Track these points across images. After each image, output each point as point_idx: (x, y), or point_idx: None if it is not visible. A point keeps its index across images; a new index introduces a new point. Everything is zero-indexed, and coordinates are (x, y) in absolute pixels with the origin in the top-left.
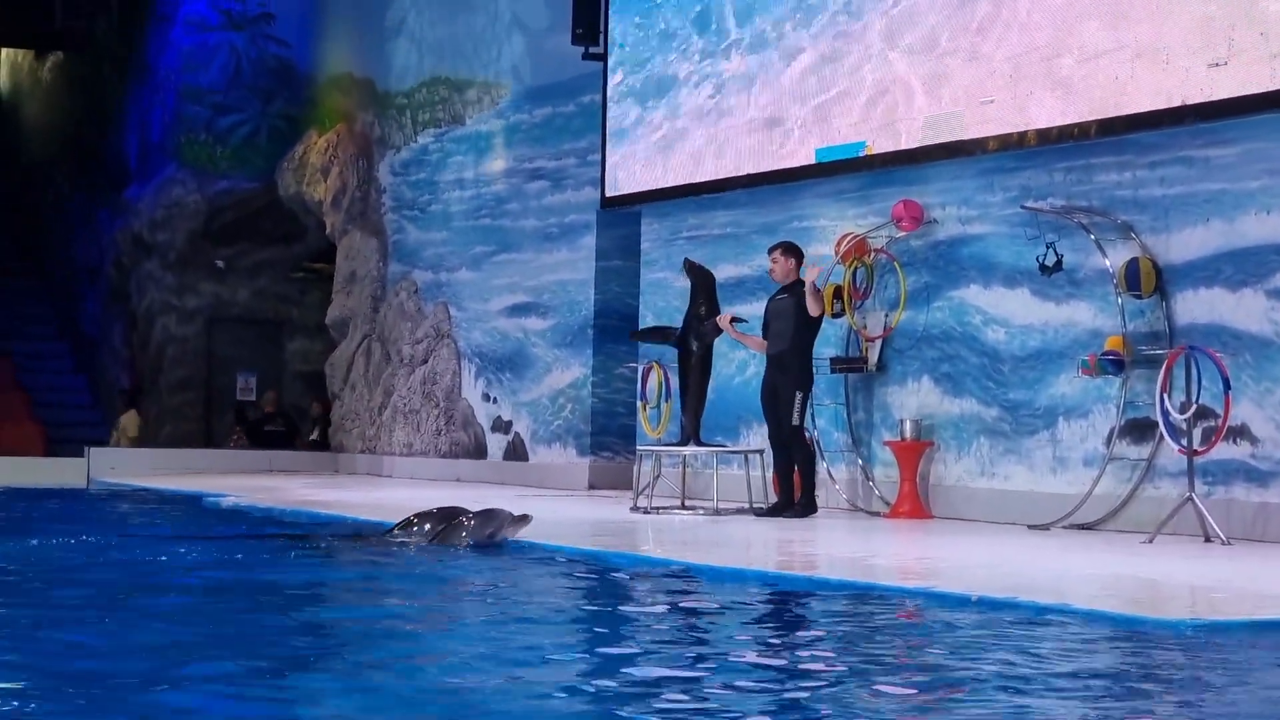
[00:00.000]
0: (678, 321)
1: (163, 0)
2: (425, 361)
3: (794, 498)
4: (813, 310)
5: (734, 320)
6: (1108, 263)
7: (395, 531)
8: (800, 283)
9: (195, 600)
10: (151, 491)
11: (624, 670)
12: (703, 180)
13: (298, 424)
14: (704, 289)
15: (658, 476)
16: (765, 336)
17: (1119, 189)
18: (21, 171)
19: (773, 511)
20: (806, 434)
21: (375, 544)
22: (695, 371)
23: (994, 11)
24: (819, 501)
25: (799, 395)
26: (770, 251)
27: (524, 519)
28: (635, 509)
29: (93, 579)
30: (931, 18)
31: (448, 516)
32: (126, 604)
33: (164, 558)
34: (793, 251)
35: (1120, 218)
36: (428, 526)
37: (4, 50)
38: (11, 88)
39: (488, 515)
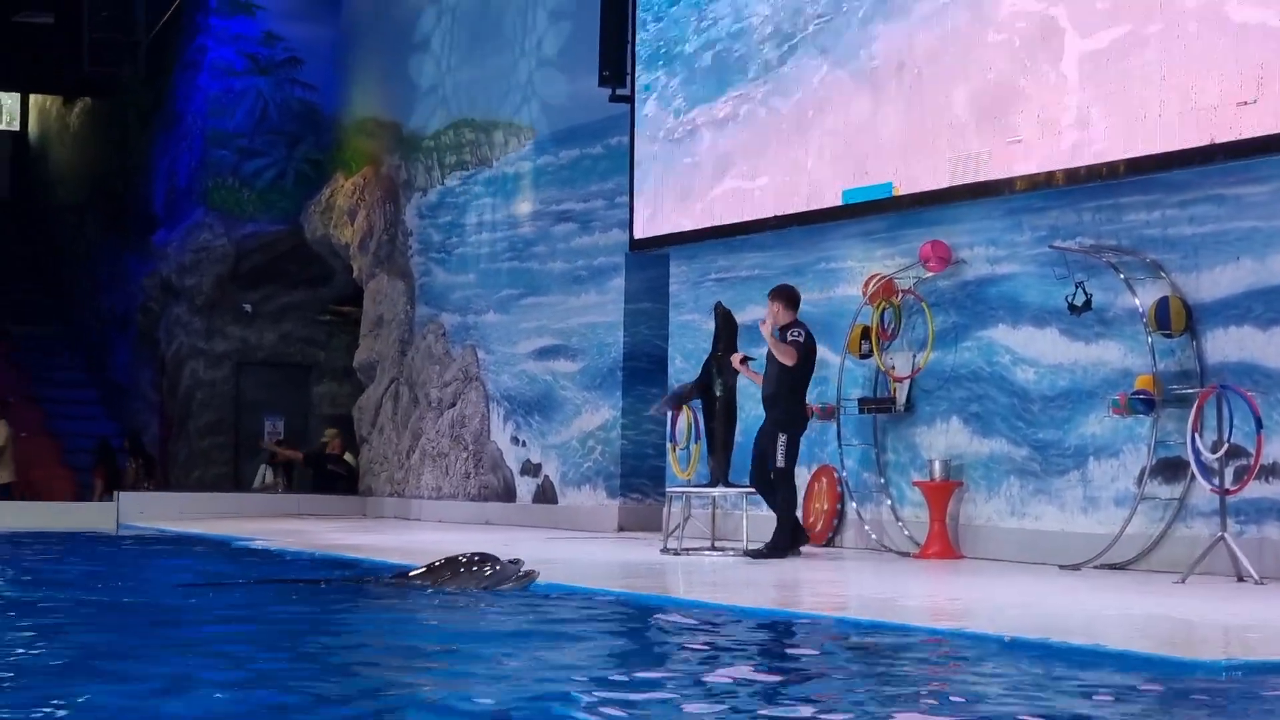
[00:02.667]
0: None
1: (189, 46)
2: (454, 405)
3: (787, 536)
4: (784, 360)
5: (745, 360)
6: (1137, 302)
7: (410, 576)
8: (791, 324)
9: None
10: (180, 536)
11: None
12: (730, 222)
13: (355, 468)
14: (726, 333)
15: (688, 518)
16: None
17: (1148, 228)
18: (50, 217)
19: (760, 553)
20: (792, 476)
21: (393, 586)
22: (721, 414)
23: (1020, 51)
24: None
25: (783, 436)
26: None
27: (531, 575)
28: (665, 550)
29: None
30: (956, 59)
31: (456, 565)
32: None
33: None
34: (779, 295)
35: (1150, 256)
36: (449, 573)
37: (32, 96)
38: (40, 134)
39: (496, 565)
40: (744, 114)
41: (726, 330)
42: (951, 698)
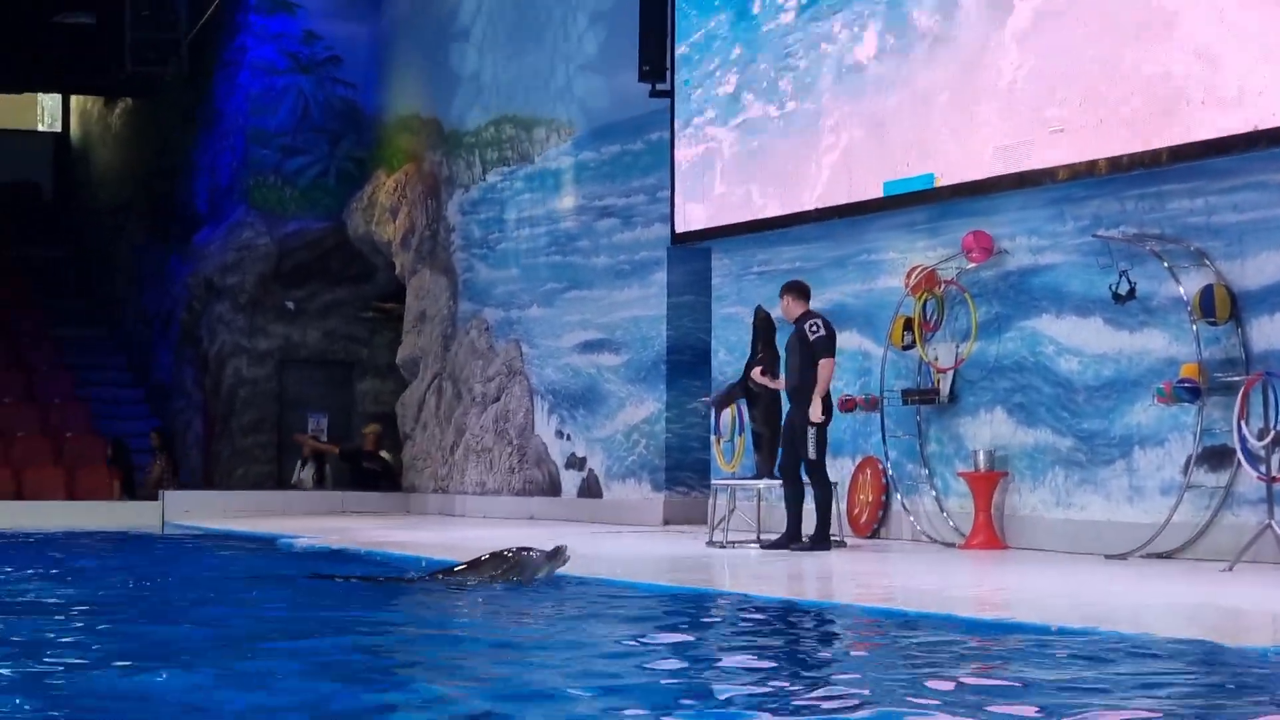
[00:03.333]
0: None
1: (230, 45)
2: (497, 399)
3: (799, 530)
4: (821, 375)
5: (762, 370)
6: (1181, 290)
7: (447, 574)
8: (804, 316)
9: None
10: (226, 534)
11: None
12: (772, 215)
13: (392, 466)
14: (765, 335)
15: (733, 510)
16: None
17: (1191, 215)
18: (92, 218)
19: (778, 544)
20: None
21: (436, 582)
22: (764, 412)
23: (1062, 40)
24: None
25: (812, 430)
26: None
27: (558, 552)
28: (711, 543)
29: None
30: (998, 47)
31: (491, 563)
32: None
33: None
34: (790, 290)
35: (1193, 244)
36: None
37: (73, 97)
38: (81, 135)
39: (530, 557)
40: (785, 106)
41: (765, 332)
42: (999, 688)
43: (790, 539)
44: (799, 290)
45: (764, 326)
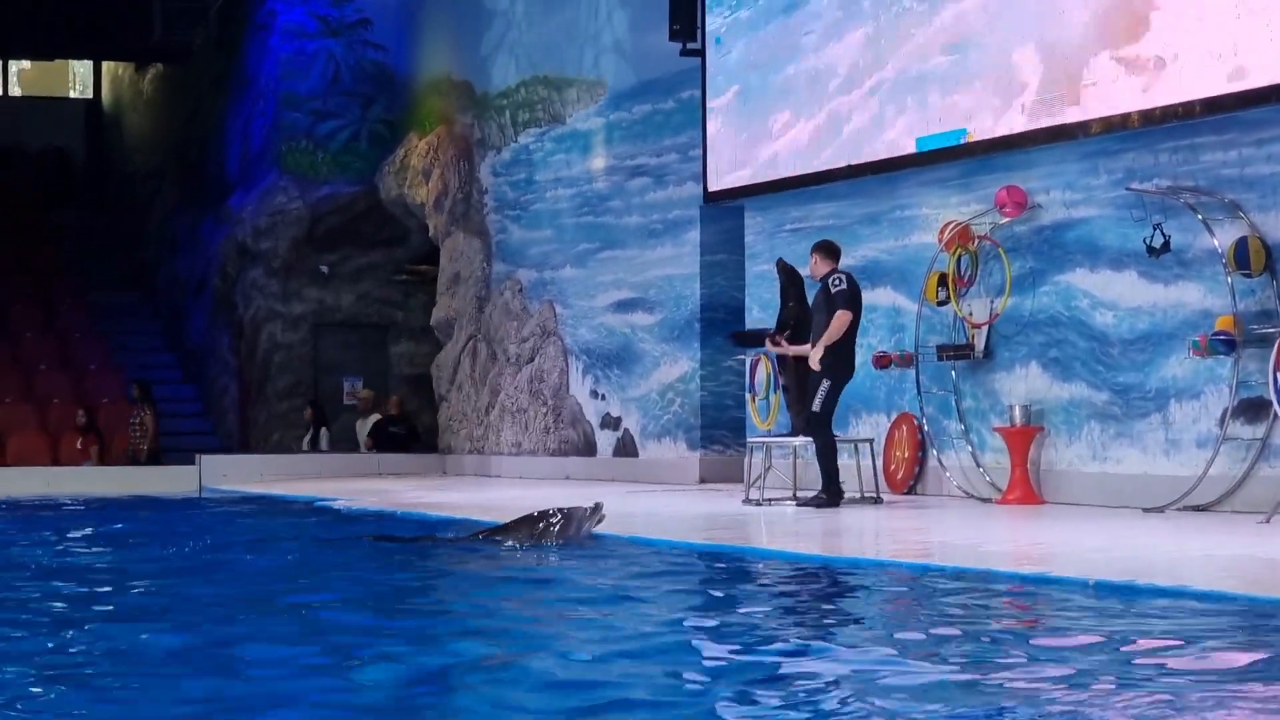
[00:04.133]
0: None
1: (260, 10)
2: (532, 360)
3: (836, 484)
4: (835, 328)
5: (774, 340)
6: (1216, 242)
7: (490, 534)
8: (830, 273)
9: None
10: (263, 498)
11: (758, 660)
12: (804, 173)
13: (418, 428)
14: (793, 287)
15: (768, 468)
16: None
17: (1225, 168)
18: (125, 184)
19: (814, 501)
20: (828, 423)
21: (471, 543)
22: (794, 369)
23: None
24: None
25: (826, 382)
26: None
27: (596, 509)
28: (747, 501)
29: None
30: (1029, 2)
31: (529, 523)
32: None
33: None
34: (819, 248)
35: (1227, 196)
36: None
37: (105, 64)
38: (113, 101)
39: (568, 517)
40: (816, 63)
41: (792, 284)
42: (1037, 643)
43: (825, 492)
44: (828, 249)
45: (791, 278)
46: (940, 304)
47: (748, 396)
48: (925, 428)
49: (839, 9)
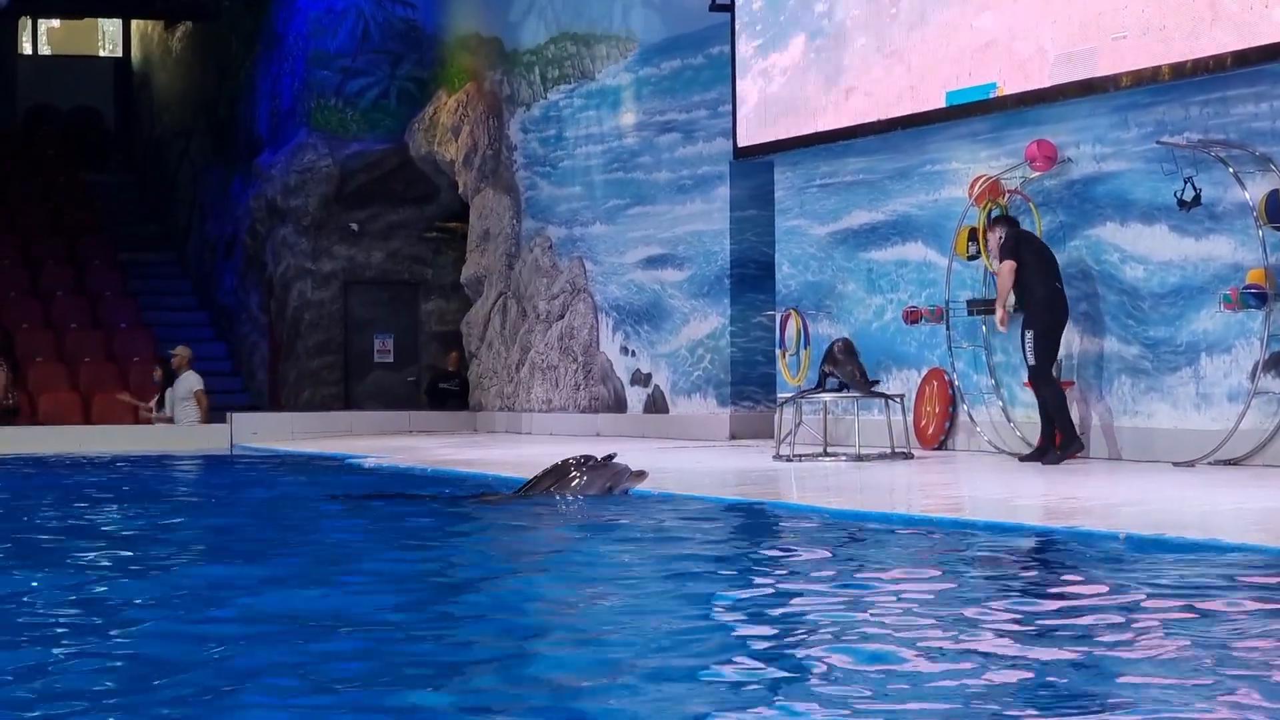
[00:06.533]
0: (814, 271)
1: None
2: (562, 317)
3: (1054, 441)
4: (1002, 279)
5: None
6: (1247, 195)
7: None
8: (1010, 235)
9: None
10: (295, 455)
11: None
12: (834, 128)
13: (469, 383)
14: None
15: (799, 424)
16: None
17: (1257, 120)
18: (155, 143)
19: (1032, 456)
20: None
21: (504, 500)
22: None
23: None
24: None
25: (1029, 334)
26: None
27: (640, 474)
28: (778, 457)
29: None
30: None
31: (563, 470)
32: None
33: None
34: (998, 223)
35: (1259, 149)
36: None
37: (134, 22)
38: (142, 60)
39: (602, 468)
40: (845, 17)
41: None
42: (1068, 595)
43: (1047, 449)
44: (1005, 219)
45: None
46: (971, 259)
47: (778, 352)
48: (956, 383)
49: None
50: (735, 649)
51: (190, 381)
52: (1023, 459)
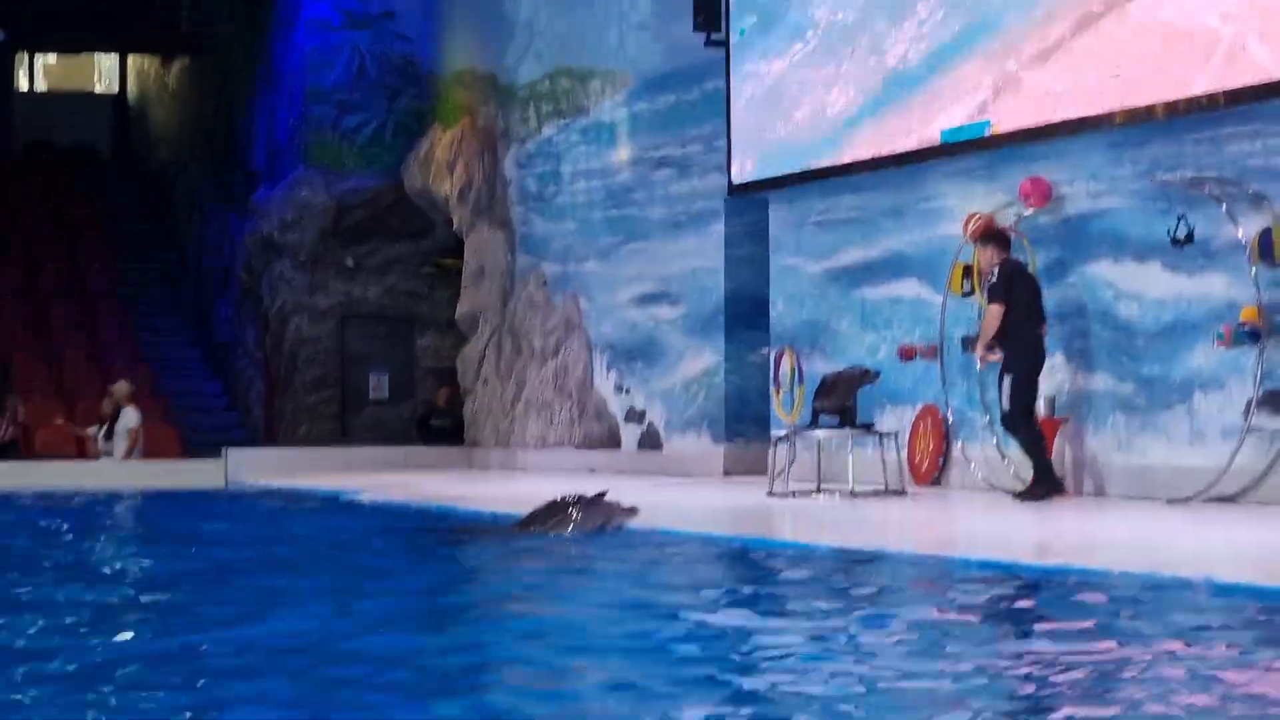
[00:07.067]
0: (809, 307)
1: (285, 3)
2: (556, 353)
3: (1043, 475)
4: (989, 323)
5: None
6: (1240, 233)
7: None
8: (1003, 263)
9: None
10: (289, 491)
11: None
12: (828, 164)
13: (463, 420)
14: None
15: (793, 461)
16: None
17: (1250, 158)
18: (151, 178)
19: (1028, 495)
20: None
21: (505, 535)
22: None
23: None
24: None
25: (1008, 377)
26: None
27: (632, 510)
28: (772, 494)
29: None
30: None
31: (558, 508)
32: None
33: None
34: (992, 239)
35: (1252, 187)
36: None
37: (130, 57)
38: (139, 94)
39: (596, 506)
40: (840, 55)
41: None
42: (1062, 633)
43: (1037, 485)
44: (997, 238)
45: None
46: (965, 295)
47: (772, 389)
48: (950, 419)
49: (862, 2)
50: (723, 687)
51: (128, 418)
52: (1018, 496)
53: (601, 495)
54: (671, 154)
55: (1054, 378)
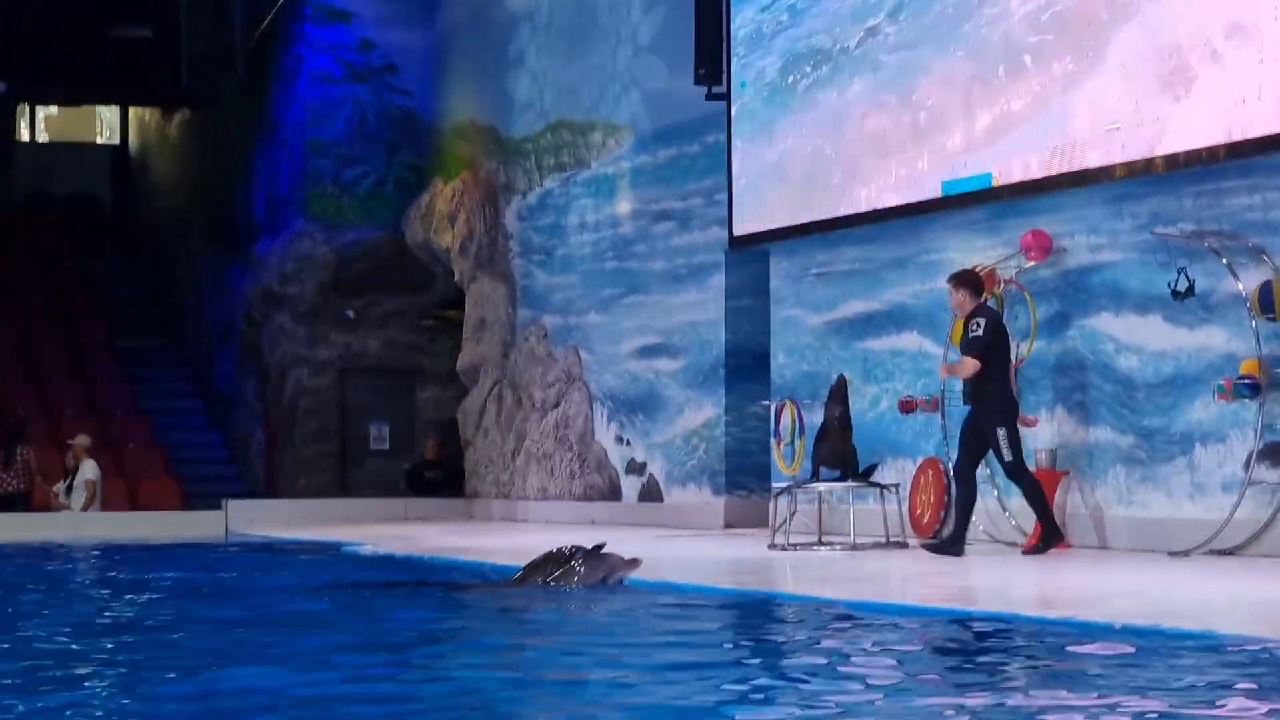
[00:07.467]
0: (809, 360)
1: (286, 55)
2: (557, 406)
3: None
4: (964, 374)
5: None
6: (1240, 286)
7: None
8: (974, 312)
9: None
10: (290, 542)
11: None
12: (830, 217)
13: (460, 472)
14: (839, 398)
15: (794, 513)
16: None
17: (1250, 211)
18: (152, 230)
19: (941, 548)
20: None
21: (502, 588)
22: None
23: (1116, 37)
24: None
25: (1001, 430)
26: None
27: (634, 562)
28: (773, 546)
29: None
30: (1053, 46)
31: (559, 560)
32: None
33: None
34: (963, 283)
35: (1252, 240)
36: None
37: (131, 109)
38: (140, 146)
39: (599, 558)
40: (841, 107)
41: (840, 397)
42: (1065, 686)
43: (1041, 541)
44: (972, 284)
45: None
46: None
47: (773, 442)
48: (951, 472)
49: (862, 53)
50: None
51: (86, 470)
52: (1025, 551)
53: (599, 547)
54: (672, 207)
55: (1055, 430)
